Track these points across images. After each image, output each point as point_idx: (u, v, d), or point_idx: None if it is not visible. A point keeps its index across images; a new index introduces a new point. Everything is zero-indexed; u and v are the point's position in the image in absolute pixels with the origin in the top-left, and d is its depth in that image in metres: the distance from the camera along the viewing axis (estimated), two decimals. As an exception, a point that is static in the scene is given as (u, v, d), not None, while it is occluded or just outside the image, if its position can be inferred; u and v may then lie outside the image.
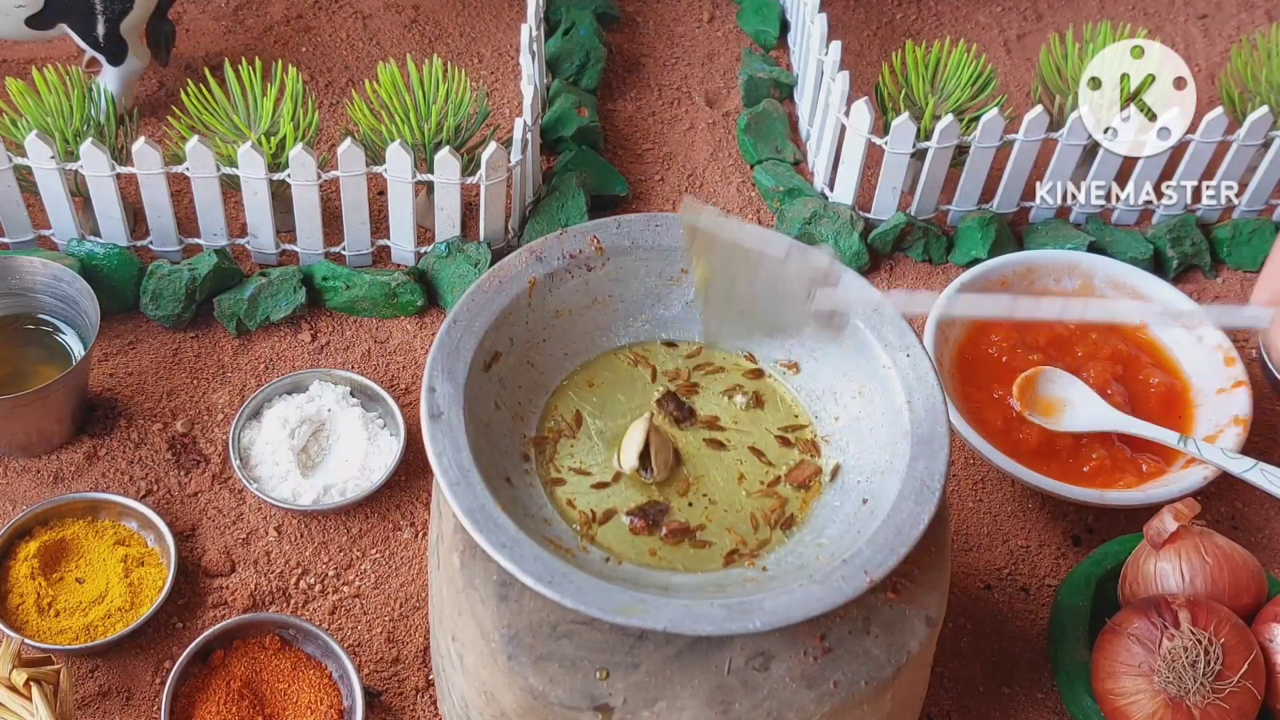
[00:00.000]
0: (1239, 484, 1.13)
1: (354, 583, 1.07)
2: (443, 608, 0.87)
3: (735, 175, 1.40)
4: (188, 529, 1.09)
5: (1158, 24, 1.60)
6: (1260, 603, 1.00)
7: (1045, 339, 1.21)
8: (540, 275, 0.91)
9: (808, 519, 0.86)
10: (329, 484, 1.10)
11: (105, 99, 1.20)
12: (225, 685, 0.97)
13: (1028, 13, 1.60)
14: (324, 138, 1.35)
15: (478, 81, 1.46)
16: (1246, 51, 1.34)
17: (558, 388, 0.91)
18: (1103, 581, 1.05)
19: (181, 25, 1.47)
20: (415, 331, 1.24)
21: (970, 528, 1.15)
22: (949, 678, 1.05)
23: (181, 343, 1.21)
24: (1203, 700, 0.92)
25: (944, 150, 1.27)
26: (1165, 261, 1.34)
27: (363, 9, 1.52)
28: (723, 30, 1.56)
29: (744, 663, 0.79)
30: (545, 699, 0.78)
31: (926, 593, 0.83)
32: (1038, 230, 1.35)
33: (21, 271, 1.13)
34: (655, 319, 0.94)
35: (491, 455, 0.83)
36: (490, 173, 1.20)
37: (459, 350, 0.85)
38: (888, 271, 1.33)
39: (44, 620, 1.01)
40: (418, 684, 1.02)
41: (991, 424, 1.14)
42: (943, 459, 0.83)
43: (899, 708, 0.84)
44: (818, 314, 0.84)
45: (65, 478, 1.11)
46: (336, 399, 1.15)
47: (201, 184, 1.19)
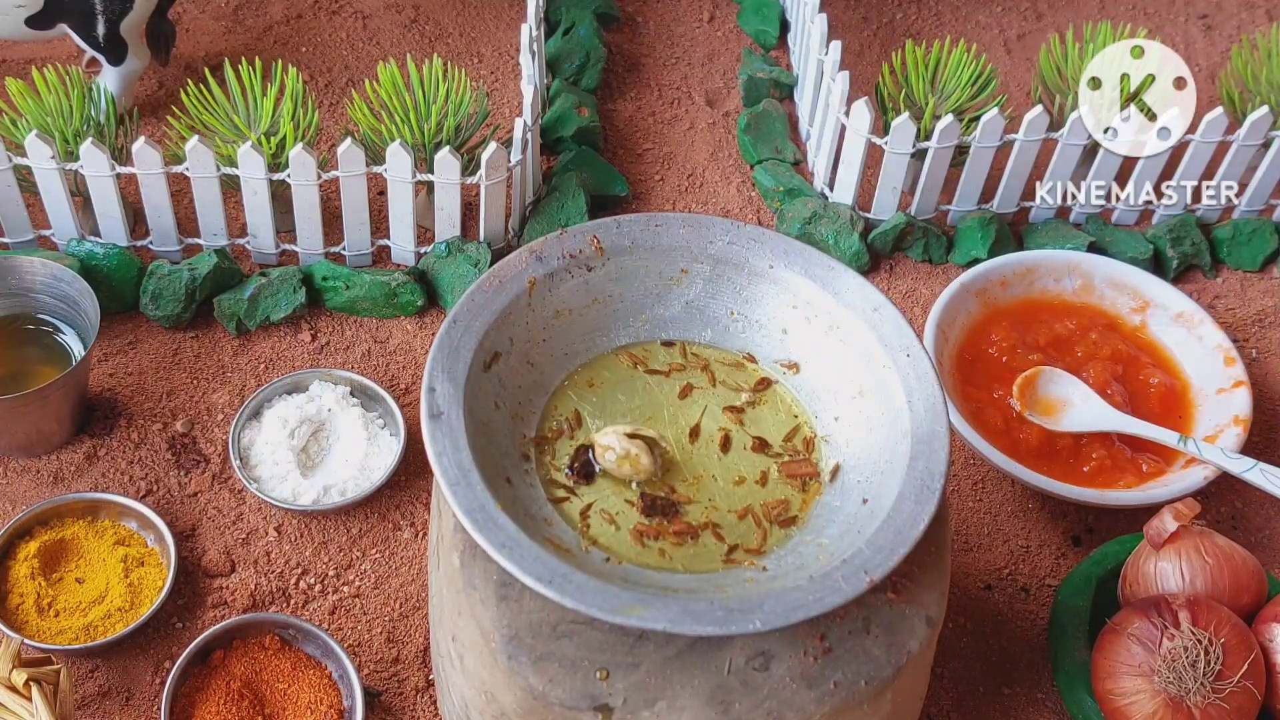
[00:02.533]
0: (1239, 484, 1.13)
1: (354, 583, 1.07)
2: (443, 608, 0.87)
3: (735, 175, 1.40)
4: (188, 529, 1.09)
5: (1158, 24, 1.60)
6: (1260, 603, 1.00)
7: (1045, 339, 1.21)
8: (540, 275, 0.91)
9: (808, 519, 0.86)
10: (329, 484, 1.10)
11: (105, 99, 1.20)
12: (225, 685, 0.98)
13: (1028, 13, 1.60)
14: (324, 138, 1.35)
15: (478, 81, 1.46)
16: (1246, 51, 1.34)
17: (558, 388, 0.91)
18: (1103, 581, 1.05)
19: (181, 25, 1.47)
20: (415, 331, 1.24)
21: (970, 528, 1.15)
22: (949, 678, 1.05)
23: (181, 343, 1.21)
24: (1203, 700, 0.92)
25: (944, 150, 1.27)
26: (1165, 261, 1.34)
27: (363, 9, 1.52)
28: (723, 30, 1.56)
29: (744, 663, 0.79)
30: (545, 699, 0.78)
31: (926, 593, 0.83)
32: (1038, 230, 1.35)
33: (21, 271, 1.13)
34: (655, 319, 0.94)
35: (491, 455, 0.83)
36: (490, 173, 1.20)
37: (459, 350, 0.85)
38: (888, 271, 1.33)
39: (44, 620, 1.01)
40: (418, 684, 1.02)
41: (991, 424, 1.14)
42: (943, 459, 0.83)
43: (899, 708, 0.84)
44: None
45: (65, 478, 1.11)
46: (336, 399, 1.15)
47: (201, 184, 1.19)
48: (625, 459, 0.85)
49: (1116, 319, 1.24)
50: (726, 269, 0.93)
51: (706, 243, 0.93)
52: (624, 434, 0.86)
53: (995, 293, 1.24)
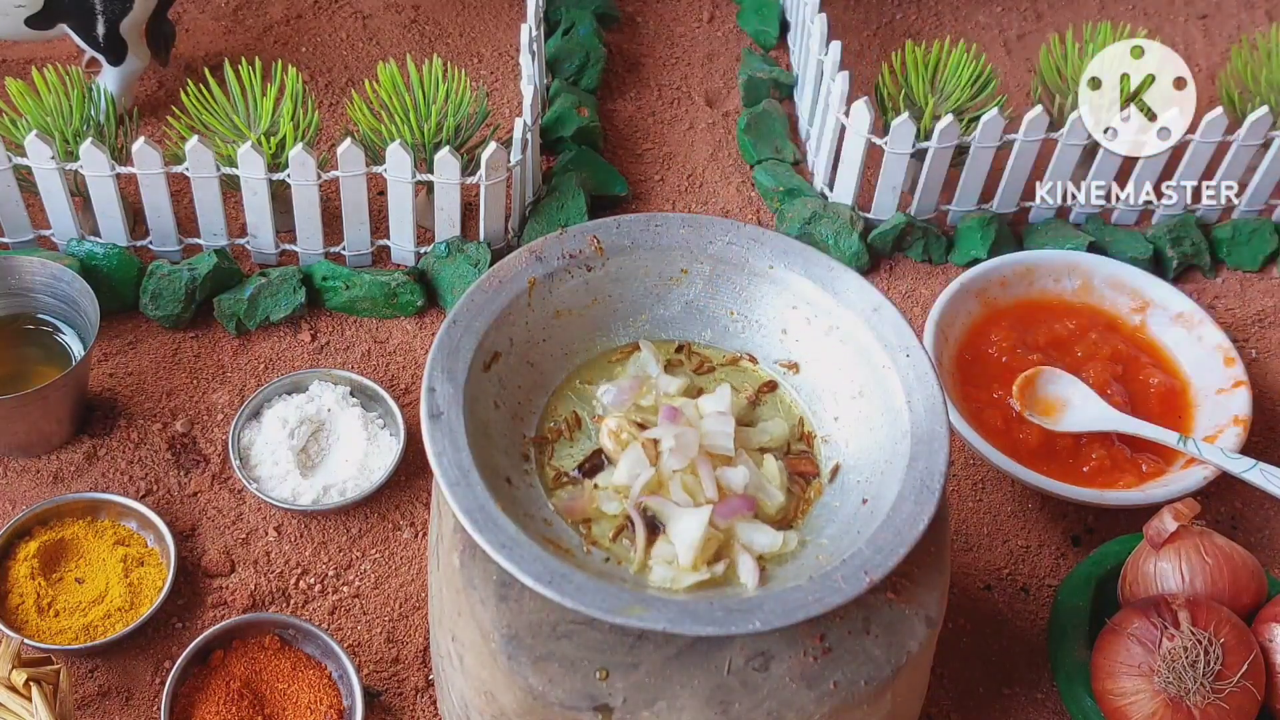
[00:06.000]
0: (1239, 484, 1.13)
1: (354, 583, 1.07)
2: (442, 608, 0.87)
3: (735, 175, 1.40)
4: (188, 529, 1.09)
5: (1158, 24, 1.60)
6: (1260, 603, 1.00)
7: (1045, 339, 1.21)
8: (540, 275, 0.91)
9: (807, 519, 0.86)
10: (329, 484, 1.10)
11: (105, 99, 1.20)
12: (225, 685, 0.97)
13: (1028, 13, 1.60)
14: (324, 138, 1.35)
15: (478, 81, 1.46)
16: (1246, 51, 1.34)
17: (558, 388, 0.91)
18: (1103, 581, 1.05)
19: (181, 25, 1.47)
20: (415, 331, 1.24)
21: (970, 528, 1.15)
22: (949, 678, 1.05)
23: (181, 343, 1.21)
24: (1202, 700, 0.92)
25: (944, 150, 1.27)
26: (1165, 261, 1.34)
27: (363, 9, 1.52)
28: (723, 30, 1.56)
29: (744, 663, 0.79)
30: (545, 699, 0.78)
31: (926, 593, 0.83)
32: (1038, 230, 1.35)
33: (21, 271, 1.13)
34: (655, 319, 0.94)
35: (491, 455, 0.83)
36: (490, 173, 1.20)
37: (459, 350, 0.85)
38: (888, 272, 1.33)
39: (44, 620, 1.01)
40: (418, 684, 1.02)
41: (991, 424, 1.14)
42: (943, 459, 0.83)
43: (899, 708, 0.84)
44: None
45: (65, 478, 1.11)
46: (336, 399, 1.15)
47: (201, 184, 1.19)
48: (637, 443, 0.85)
49: (1116, 319, 1.24)
50: (726, 269, 0.93)
51: (706, 243, 0.93)
52: (632, 420, 0.86)
53: (995, 293, 1.24)
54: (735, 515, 0.83)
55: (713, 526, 0.82)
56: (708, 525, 0.81)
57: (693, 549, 0.81)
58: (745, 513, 0.83)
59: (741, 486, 0.84)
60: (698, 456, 0.84)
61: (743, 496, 0.84)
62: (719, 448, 0.85)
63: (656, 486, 0.84)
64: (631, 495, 0.83)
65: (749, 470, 0.85)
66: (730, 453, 0.85)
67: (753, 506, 0.84)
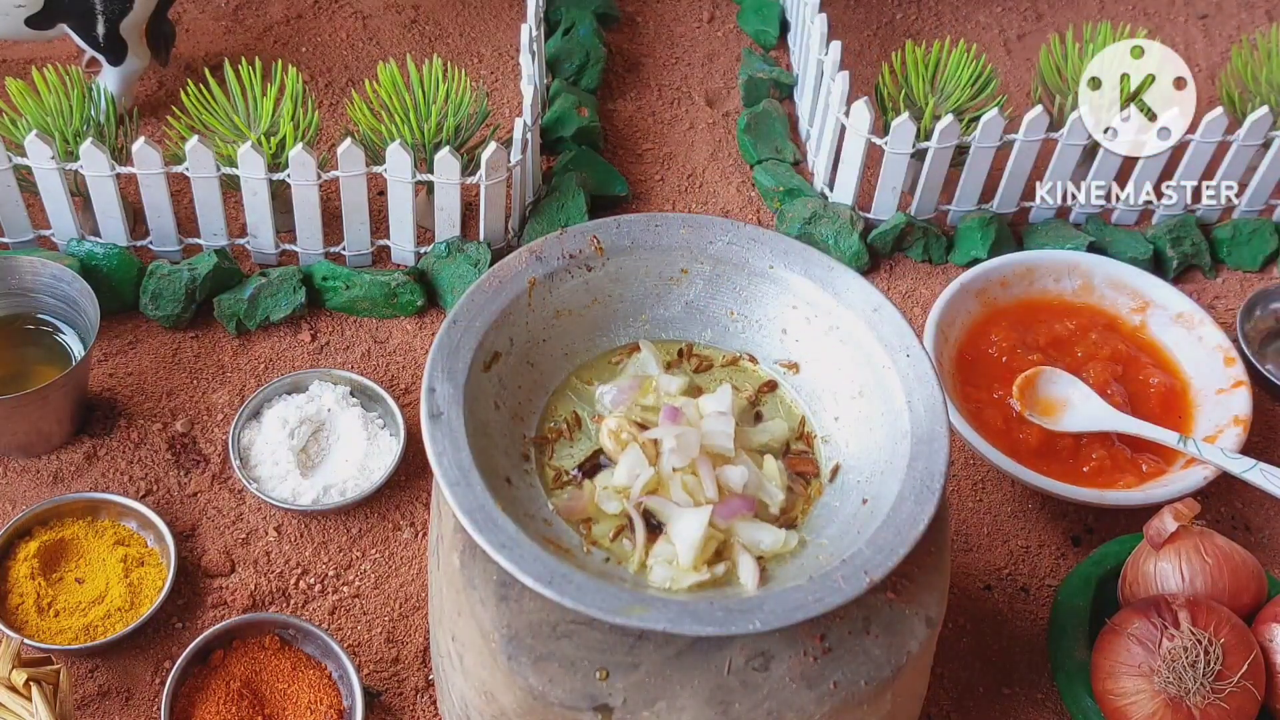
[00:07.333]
0: (1239, 484, 1.13)
1: (354, 583, 1.07)
2: (443, 608, 0.87)
3: (735, 175, 1.40)
4: (188, 529, 1.09)
5: (1158, 24, 1.60)
6: (1260, 603, 1.00)
7: (1045, 339, 1.21)
8: (540, 275, 0.91)
9: (808, 519, 0.86)
10: (329, 484, 1.10)
11: (105, 99, 1.20)
12: (225, 685, 0.97)
13: (1028, 13, 1.60)
14: (324, 138, 1.35)
15: (478, 81, 1.46)
16: (1246, 51, 1.34)
17: (558, 388, 0.91)
18: (1103, 581, 1.05)
19: (181, 25, 1.47)
20: (415, 331, 1.24)
21: (970, 528, 1.15)
22: (949, 678, 1.05)
23: (181, 343, 1.21)
24: (1203, 700, 0.92)
25: (944, 150, 1.27)
26: (1165, 261, 1.34)
27: (363, 9, 1.52)
28: (723, 30, 1.56)
29: (744, 663, 0.79)
30: (545, 699, 0.78)
31: (926, 593, 0.83)
32: (1038, 230, 1.35)
33: (21, 271, 1.13)
34: (655, 319, 0.94)
35: (491, 455, 0.83)
36: (490, 173, 1.20)
37: (459, 350, 0.85)
38: (888, 272, 1.33)
39: (44, 620, 1.01)
40: (418, 684, 1.02)
41: (991, 424, 1.14)
42: (943, 459, 0.83)
43: (899, 708, 0.84)
44: None
45: (65, 478, 1.11)
46: (336, 399, 1.15)
47: (201, 184, 1.19)
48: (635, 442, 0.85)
49: (1116, 319, 1.24)
50: (726, 269, 0.93)
51: (706, 243, 0.93)
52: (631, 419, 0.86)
53: (995, 293, 1.24)
54: (735, 515, 0.83)
55: (713, 526, 0.82)
56: (708, 525, 0.81)
57: (693, 549, 0.81)
58: (745, 513, 0.83)
59: (741, 486, 0.84)
60: (698, 456, 0.84)
61: (743, 496, 0.84)
62: (719, 448, 0.85)
63: (656, 486, 0.84)
64: (631, 495, 0.83)
65: (749, 470, 0.85)
66: (730, 453, 0.85)
67: (753, 506, 0.84)
